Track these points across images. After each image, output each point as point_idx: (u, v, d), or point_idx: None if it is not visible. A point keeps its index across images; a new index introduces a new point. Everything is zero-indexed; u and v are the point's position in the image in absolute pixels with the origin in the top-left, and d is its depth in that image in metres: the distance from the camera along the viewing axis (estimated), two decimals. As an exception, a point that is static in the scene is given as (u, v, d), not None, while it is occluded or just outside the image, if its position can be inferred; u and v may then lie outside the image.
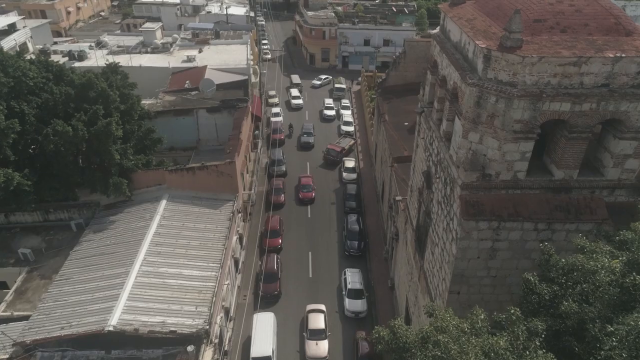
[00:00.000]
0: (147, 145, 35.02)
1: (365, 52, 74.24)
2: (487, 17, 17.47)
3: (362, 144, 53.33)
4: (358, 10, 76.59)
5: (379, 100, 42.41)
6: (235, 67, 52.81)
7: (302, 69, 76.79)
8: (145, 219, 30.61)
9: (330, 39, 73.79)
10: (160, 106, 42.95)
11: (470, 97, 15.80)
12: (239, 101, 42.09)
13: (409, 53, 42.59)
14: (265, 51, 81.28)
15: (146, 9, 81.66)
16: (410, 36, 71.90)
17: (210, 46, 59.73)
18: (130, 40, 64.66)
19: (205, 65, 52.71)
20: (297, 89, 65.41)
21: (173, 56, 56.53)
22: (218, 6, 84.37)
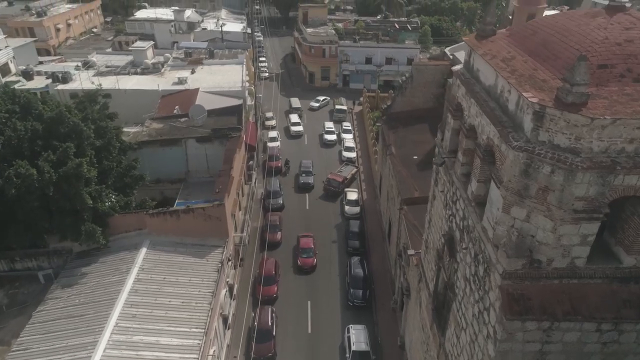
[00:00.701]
0: (127, 183, 31.46)
1: (366, 70, 71.07)
2: (530, 56, 13.97)
3: (365, 171, 49.78)
4: (359, 27, 73.62)
5: (384, 128, 38.92)
6: (230, 90, 49.46)
7: (301, 88, 73.56)
8: (121, 272, 26.88)
9: (330, 57, 70.66)
10: (146, 135, 39.46)
11: (515, 163, 12.22)
12: (231, 130, 38.59)
13: (417, 77, 39.23)
14: (262, 69, 78.07)
15: (139, 26, 78.66)
16: (414, 54, 68.92)
17: (203, 66, 56.47)
18: (120, 60, 61.43)
19: (198, 87, 49.33)
20: (297, 114, 61.20)
21: (164, 77, 53.22)
22: (214, 22, 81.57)
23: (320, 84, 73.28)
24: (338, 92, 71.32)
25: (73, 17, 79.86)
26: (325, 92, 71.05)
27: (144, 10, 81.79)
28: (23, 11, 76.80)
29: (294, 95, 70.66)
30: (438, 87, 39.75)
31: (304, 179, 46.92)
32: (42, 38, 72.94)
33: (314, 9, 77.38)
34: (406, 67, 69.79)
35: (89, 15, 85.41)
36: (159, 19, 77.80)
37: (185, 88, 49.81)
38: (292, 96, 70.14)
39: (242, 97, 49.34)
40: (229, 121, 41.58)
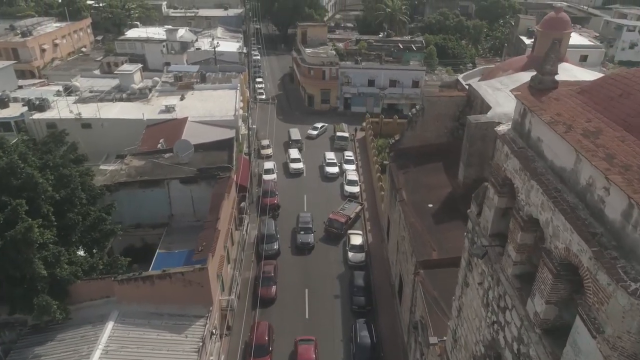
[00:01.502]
0: (96, 239, 26.97)
1: (369, 93, 67.07)
2: (628, 131, 9.57)
3: (370, 207, 45.32)
4: (361, 47, 69.80)
5: (393, 167, 34.52)
6: (221, 119, 45.26)
7: (300, 111, 69.47)
8: (81, 355, 22.26)
9: (330, 79, 66.69)
10: (125, 175, 35.06)
11: (631, 315, 7.74)
12: (220, 170, 34.23)
13: (428, 110, 34.99)
14: (259, 91, 74.16)
15: (129, 46, 74.82)
16: (420, 76, 64.98)
17: (194, 92, 52.35)
18: (106, 84, 57.37)
19: (186, 117, 45.15)
20: (297, 149, 55.16)
21: (150, 104, 49.04)
22: (209, 42, 77.75)
23: (320, 107, 69.21)
24: (339, 116, 67.22)
25: (60, 36, 76.06)
26: (325, 116, 66.96)
27: (135, 30, 78.07)
28: (7, 31, 73.00)
29: (293, 119, 66.58)
30: (452, 121, 35.52)
31: (303, 238, 39.07)
32: (26, 59, 69.08)
33: (313, 28, 73.65)
34: (411, 89, 65.98)
35: (77, 34, 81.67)
36: (150, 38, 74.00)
37: (172, 117, 45.64)
38: (290, 121, 66.05)
39: (234, 127, 45.16)
40: (219, 157, 37.23)
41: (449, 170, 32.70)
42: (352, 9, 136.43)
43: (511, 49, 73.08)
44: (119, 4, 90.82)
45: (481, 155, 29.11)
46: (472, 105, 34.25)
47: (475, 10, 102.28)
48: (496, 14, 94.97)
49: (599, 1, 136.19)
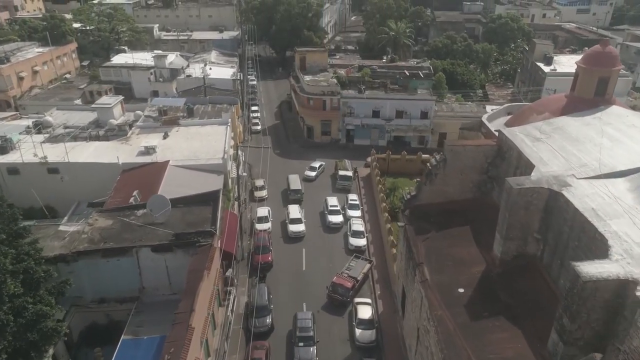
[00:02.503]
0: (33, 341, 20.91)
1: (374, 124, 61.56)
2: None
3: (379, 262, 39.26)
4: (364, 74, 64.54)
5: (409, 230, 28.59)
6: (208, 163, 39.56)
7: (299, 143, 63.86)
8: None
9: (331, 109, 61.25)
10: (87, 239, 29.12)
11: None
12: (201, 235, 28.31)
13: (451, 161, 29.25)
14: (254, 122, 68.72)
15: (115, 73, 69.65)
16: (429, 106, 59.52)
17: (179, 128, 46.75)
18: (84, 117, 51.88)
19: (167, 160, 39.47)
20: (298, 204, 46.20)
21: (129, 144, 43.39)
22: (201, 67, 72.55)
23: (320, 139, 63.63)
24: (341, 149, 61.60)
25: (41, 62, 70.90)
26: (326, 150, 61.35)
27: (122, 55, 72.94)
28: (-17, 57, 67.83)
29: (290, 153, 60.89)
30: (479, 174, 29.79)
31: (302, 354, 29.44)
32: (1, 88, 63.73)
33: (312, 54, 68.52)
34: (420, 121, 60.50)
35: (61, 60, 76.60)
36: (137, 65, 68.84)
37: (152, 160, 39.93)
38: (288, 155, 60.32)
39: (222, 172, 39.43)
40: (202, 215, 31.34)
41: (479, 238, 26.83)
42: (352, 30, 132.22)
43: (525, 75, 67.97)
44: (107, 27, 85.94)
45: (524, 227, 23.28)
46: (504, 156, 28.54)
47: (482, 33, 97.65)
48: (505, 36, 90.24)
49: (606, 21, 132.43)
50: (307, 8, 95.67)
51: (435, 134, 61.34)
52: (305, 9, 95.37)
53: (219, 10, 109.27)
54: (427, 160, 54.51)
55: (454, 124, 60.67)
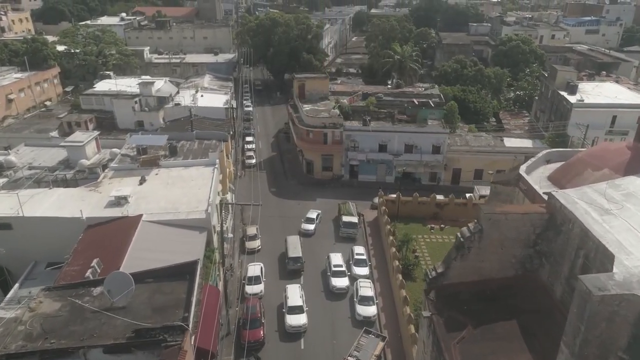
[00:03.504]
0: None
1: (380, 160, 55.57)
2: None
3: (391, 335, 32.67)
4: (369, 103, 58.84)
5: (438, 326, 22.20)
6: (188, 218, 33.38)
7: (297, 180, 57.75)
8: None
9: (333, 143, 55.32)
10: (22, 334, 22.69)
11: None
12: (168, 332, 21.91)
13: (489, 232, 23.05)
14: (248, 154, 62.70)
15: (97, 101, 63.91)
16: (442, 140, 53.52)
17: (160, 169, 40.69)
18: (55, 155, 46.01)
19: (141, 214, 33.31)
20: (299, 288, 35.57)
21: (99, 191, 37.28)
22: (192, 94, 67.01)
23: (321, 175, 57.54)
24: (344, 187, 55.51)
25: (17, 90, 65.27)
26: (327, 187, 55.24)
27: (107, 81, 67.27)
28: (-46, 85, 62.23)
29: (288, 191, 54.67)
30: (524, 247, 23.61)
31: None
32: (-30, 119, 58.04)
33: (312, 81, 62.88)
34: (431, 156, 54.52)
35: (41, 86, 70.98)
36: (121, 92, 63.12)
37: (123, 214, 33.75)
38: (285, 194, 54.03)
39: (205, 228, 33.22)
40: (174, 293, 24.95)
41: (532, 343, 20.44)
42: (354, 51, 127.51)
43: (545, 104, 62.27)
44: (94, 50, 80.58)
45: (605, 344, 16.90)
46: (559, 230, 22.31)
47: (491, 56, 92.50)
48: (516, 59, 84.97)
49: (615, 42, 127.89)
50: (307, 30, 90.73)
51: (448, 170, 55.38)
52: (305, 30, 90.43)
53: (215, 31, 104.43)
54: (442, 203, 48.81)
55: (469, 160, 54.74)
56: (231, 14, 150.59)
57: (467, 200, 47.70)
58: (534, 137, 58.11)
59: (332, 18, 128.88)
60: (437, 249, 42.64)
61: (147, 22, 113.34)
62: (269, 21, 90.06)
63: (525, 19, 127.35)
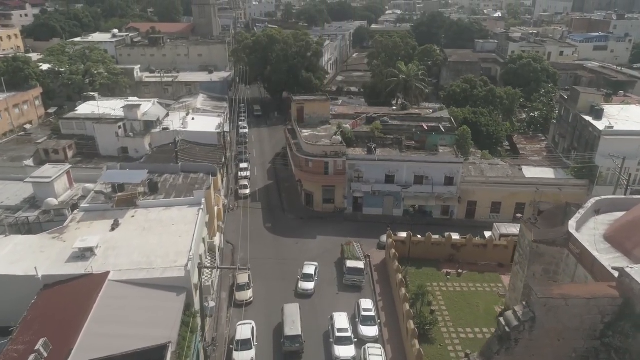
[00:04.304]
0: None
1: (387, 191, 50.28)
2: None
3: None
4: (374, 129, 53.75)
5: None
6: (164, 276, 27.94)
7: (295, 214, 52.36)
8: None
9: (335, 173, 50.09)
10: None
11: None
12: None
13: (544, 321, 17.69)
14: (243, 183, 57.37)
15: (78, 126, 58.87)
16: (455, 170, 48.28)
17: (137, 210, 35.38)
18: (22, 191, 40.74)
19: (107, 272, 27.92)
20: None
21: (63, 239, 31.98)
22: (182, 117, 61.96)
23: (321, 208, 52.20)
24: (347, 222, 50.19)
25: (-8, 113, 60.35)
26: (328, 222, 49.89)
27: (90, 104, 62.24)
28: None
29: (285, 227, 49.21)
30: (588, 339, 18.19)
31: None
32: (-63, 146, 52.87)
33: (312, 104, 57.93)
34: (444, 187, 49.26)
35: (20, 108, 66.03)
36: (105, 116, 58.10)
37: (87, 270, 28.34)
38: (281, 231, 48.46)
39: (185, 288, 27.78)
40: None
41: None
42: (355, 68, 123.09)
43: (565, 129, 57.20)
44: (80, 70, 75.79)
45: None
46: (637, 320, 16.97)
47: (500, 74, 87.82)
48: (527, 78, 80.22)
49: (624, 59, 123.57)
50: (306, 47, 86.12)
51: (462, 203, 50.10)
52: (304, 48, 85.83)
53: (210, 48, 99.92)
54: (458, 244, 43.38)
55: (486, 192, 49.50)
56: (229, 29, 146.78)
57: (487, 240, 42.31)
58: (555, 165, 52.92)
59: (332, 34, 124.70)
60: (455, 301, 37.13)
61: (140, 39, 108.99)
62: (266, 38, 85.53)
63: (532, 35, 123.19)
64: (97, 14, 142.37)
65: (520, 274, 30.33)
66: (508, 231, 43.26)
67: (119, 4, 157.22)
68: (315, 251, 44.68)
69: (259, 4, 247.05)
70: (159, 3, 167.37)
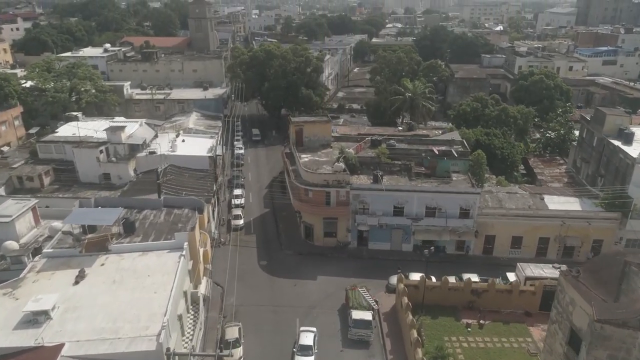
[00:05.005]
0: None
1: (395, 224, 45.26)
2: None
3: None
4: (380, 154, 48.90)
5: None
6: (129, 351, 22.74)
7: (294, 247, 47.25)
8: None
9: (338, 204, 45.11)
10: None
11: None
12: None
13: None
14: (236, 213, 52.28)
15: (57, 149, 54.00)
16: (472, 202, 43.39)
17: (108, 257, 30.31)
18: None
19: (62, 343, 22.77)
20: None
21: (14, 296, 26.89)
22: (172, 138, 57.06)
23: (322, 242, 47.13)
24: (351, 259, 45.13)
25: (-36, 135, 55.53)
26: (330, 259, 44.86)
27: (73, 124, 57.32)
28: None
29: (281, 266, 43.94)
30: None
31: None
32: None
33: (312, 125, 53.15)
34: (458, 220, 44.23)
35: (-4, 129, 61.28)
36: (86, 139, 53.26)
37: (37, 342, 23.16)
38: (277, 270, 43.05)
39: None
40: None
41: None
42: (356, 84, 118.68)
43: (588, 152, 52.37)
44: (66, 87, 71.18)
45: None
46: None
47: (510, 91, 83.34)
48: (539, 95, 75.75)
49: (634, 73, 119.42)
50: (306, 62, 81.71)
51: (479, 237, 45.04)
52: (304, 63, 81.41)
53: (205, 64, 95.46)
54: (479, 289, 37.88)
55: (506, 226, 44.48)
56: (227, 43, 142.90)
57: (512, 285, 37.17)
58: (579, 194, 47.97)
59: (332, 48, 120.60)
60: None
61: (133, 54, 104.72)
62: (264, 53, 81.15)
63: (538, 49, 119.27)
64: (90, 28, 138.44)
65: (558, 335, 25.23)
66: (534, 273, 38.13)
67: (114, 18, 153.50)
68: (316, 295, 39.48)
69: (259, 17, 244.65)
70: (155, 17, 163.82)
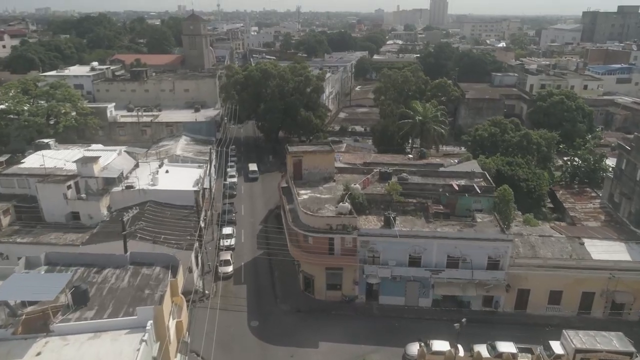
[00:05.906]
0: None
1: (411, 276, 38.22)
2: None
3: None
4: (392, 191, 42.08)
5: None
6: None
7: (290, 302, 40.14)
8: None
9: (343, 253, 38.10)
10: None
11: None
12: None
13: None
14: (225, 258, 45.19)
15: (19, 184, 47.22)
16: (502, 251, 36.45)
17: (48, 342, 23.21)
18: None
19: None
20: None
21: None
22: (155, 168, 50.32)
23: (325, 296, 40.02)
24: (359, 316, 38.03)
25: None
26: (334, 319, 37.72)
27: (42, 153, 50.57)
28: None
29: (277, 329, 36.62)
30: None
31: None
32: None
33: (312, 156, 46.45)
34: (486, 272, 37.18)
35: (-42, 158, 54.53)
36: (54, 171, 46.54)
37: None
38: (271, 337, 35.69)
39: None
40: None
41: None
42: (358, 103, 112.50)
43: (629, 187, 45.62)
44: (42, 110, 64.78)
45: None
46: None
47: (527, 113, 76.97)
48: (559, 117, 69.43)
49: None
50: (305, 82, 75.59)
51: (511, 292, 37.97)
52: (303, 83, 75.29)
53: (198, 83, 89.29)
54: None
55: (542, 278, 37.46)
56: (224, 61, 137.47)
57: None
58: (625, 236, 41.07)
59: (332, 65, 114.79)
60: None
61: (123, 72, 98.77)
62: (259, 72, 74.94)
63: (549, 67, 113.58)
64: (81, 45, 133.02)
65: None
66: (586, 344, 31.02)
67: (106, 35, 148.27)
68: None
69: (258, 34, 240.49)
70: (150, 34, 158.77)
